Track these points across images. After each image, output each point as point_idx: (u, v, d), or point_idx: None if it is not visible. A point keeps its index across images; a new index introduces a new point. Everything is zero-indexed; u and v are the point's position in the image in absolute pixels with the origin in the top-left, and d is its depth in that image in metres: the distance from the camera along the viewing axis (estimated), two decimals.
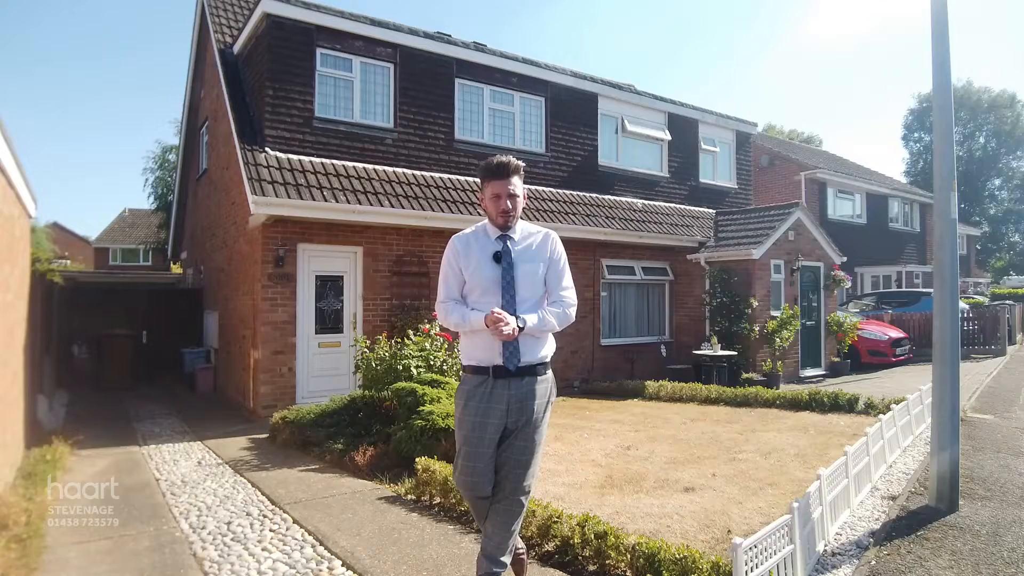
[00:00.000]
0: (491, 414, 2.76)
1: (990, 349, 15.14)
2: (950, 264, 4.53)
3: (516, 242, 2.87)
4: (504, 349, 2.75)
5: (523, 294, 2.81)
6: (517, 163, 2.90)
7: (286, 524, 4.27)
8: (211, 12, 11.07)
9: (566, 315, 2.86)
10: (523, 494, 2.82)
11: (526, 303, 2.80)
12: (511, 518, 2.82)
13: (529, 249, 2.88)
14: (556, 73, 11.52)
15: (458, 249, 2.88)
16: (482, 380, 2.80)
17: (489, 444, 2.78)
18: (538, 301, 2.88)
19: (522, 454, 2.79)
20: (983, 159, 43.84)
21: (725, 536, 3.87)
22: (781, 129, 45.46)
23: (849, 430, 6.83)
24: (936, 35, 4.61)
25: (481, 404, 2.77)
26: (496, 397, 2.76)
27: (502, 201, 2.81)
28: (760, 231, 11.73)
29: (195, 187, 13.61)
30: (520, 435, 2.79)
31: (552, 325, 2.80)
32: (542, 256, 2.88)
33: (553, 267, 2.90)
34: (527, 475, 2.80)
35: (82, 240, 37.75)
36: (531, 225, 3.00)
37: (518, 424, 2.78)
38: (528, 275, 2.83)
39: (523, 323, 2.69)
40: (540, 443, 2.85)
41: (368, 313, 9.01)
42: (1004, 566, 3.46)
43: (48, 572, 3.53)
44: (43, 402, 7.86)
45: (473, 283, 2.84)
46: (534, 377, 2.81)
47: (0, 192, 4.43)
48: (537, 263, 2.86)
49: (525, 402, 2.77)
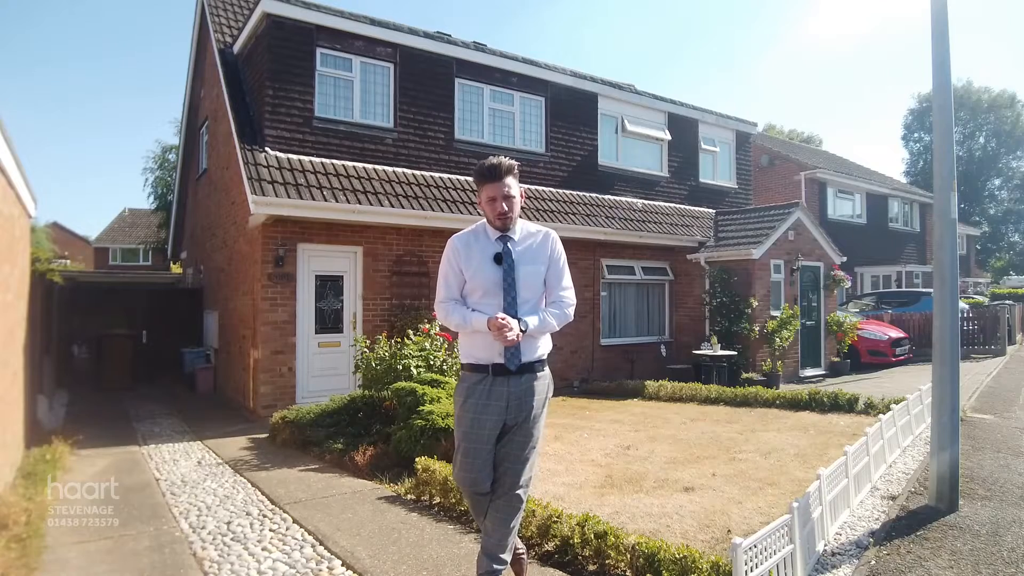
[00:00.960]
0: (490, 411, 2.78)
1: (990, 349, 15.14)
2: (950, 264, 4.54)
3: (516, 243, 2.86)
4: (505, 349, 2.76)
5: (524, 295, 2.81)
6: (510, 163, 2.86)
7: (286, 524, 4.27)
8: (211, 12, 11.07)
9: (565, 315, 2.87)
10: (521, 490, 2.83)
11: (527, 304, 2.81)
12: (510, 514, 2.83)
13: (530, 250, 2.88)
14: (556, 73, 11.52)
15: (458, 249, 2.88)
16: (481, 378, 2.81)
17: (487, 440, 2.80)
18: (538, 301, 2.89)
19: (521, 449, 2.82)
20: (983, 159, 43.85)
21: (725, 536, 3.87)
22: (781, 129, 45.48)
23: (849, 430, 6.83)
24: (936, 35, 4.61)
25: (480, 401, 2.79)
26: (495, 394, 2.78)
27: (498, 204, 2.80)
28: (760, 231, 11.73)
29: (195, 187, 13.61)
30: (519, 431, 2.82)
31: (552, 326, 2.82)
32: (543, 257, 2.89)
33: (553, 267, 2.91)
34: (525, 471, 2.82)
35: (82, 240, 37.74)
36: (531, 224, 3.00)
37: (517, 420, 2.80)
38: (529, 276, 2.83)
39: (525, 326, 2.70)
40: (538, 439, 2.87)
41: (368, 313, 9.02)
42: (1004, 566, 3.46)
43: (48, 572, 3.53)
44: (43, 402, 7.86)
45: (474, 284, 2.84)
46: (533, 375, 2.83)
47: (0, 192, 4.43)
48: (538, 264, 2.87)
49: (524, 399, 2.79)
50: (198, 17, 12.33)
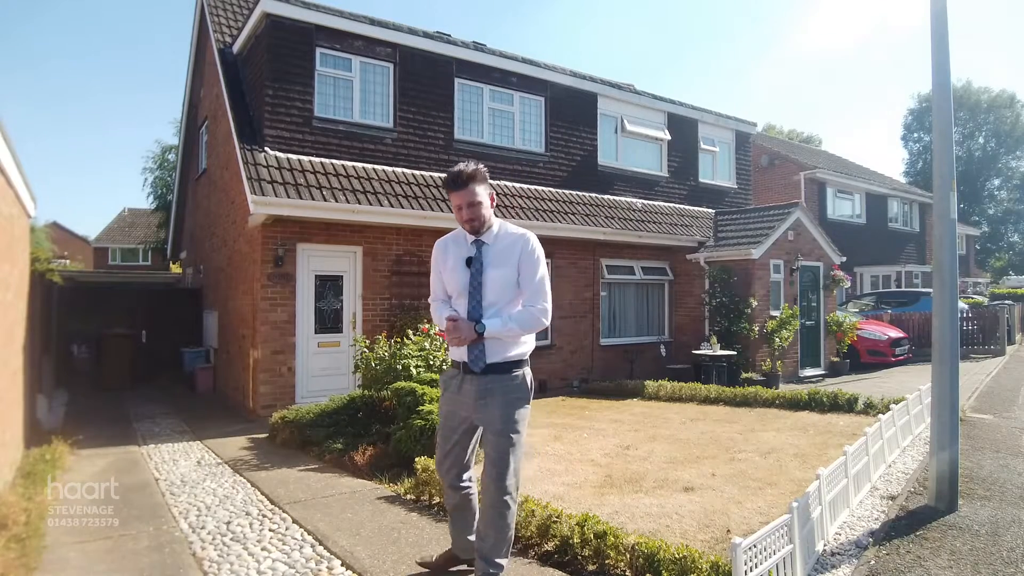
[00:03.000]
0: (458, 405, 2.98)
1: (989, 349, 15.15)
2: (949, 264, 4.54)
3: (490, 247, 2.94)
4: (469, 352, 2.87)
5: (490, 298, 2.88)
6: (474, 170, 2.90)
7: (285, 524, 4.27)
8: (210, 11, 11.06)
9: (534, 318, 2.87)
10: (502, 492, 2.86)
11: (493, 307, 2.88)
12: (495, 516, 2.87)
13: (501, 253, 2.93)
14: (556, 73, 11.51)
15: (438, 252, 3.07)
16: (455, 374, 3.02)
17: (456, 431, 3.01)
18: (509, 304, 2.92)
19: (493, 449, 2.88)
20: (982, 159, 43.88)
21: (724, 536, 3.87)
22: (781, 129, 45.49)
23: (848, 430, 6.83)
24: (935, 35, 4.61)
25: (451, 395, 3.01)
26: (464, 392, 2.94)
27: (464, 211, 2.90)
28: (760, 231, 11.74)
29: (194, 187, 13.61)
30: (489, 430, 2.90)
31: (515, 330, 2.85)
32: (512, 261, 2.91)
33: (525, 271, 2.92)
34: (500, 471, 2.86)
35: (81, 240, 37.74)
36: (511, 227, 3.01)
37: (484, 420, 2.90)
38: (496, 280, 2.89)
39: (483, 328, 2.80)
40: (516, 442, 2.88)
41: (367, 313, 9.01)
42: (1003, 566, 3.46)
43: (48, 572, 3.53)
44: (43, 402, 7.86)
45: (449, 286, 3.02)
46: (500, 375, 2.89)
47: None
48: (507, 268, 2.90)
49: (490, 399, 2.87)
50: (197, 17, 12.33)
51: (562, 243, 10.94)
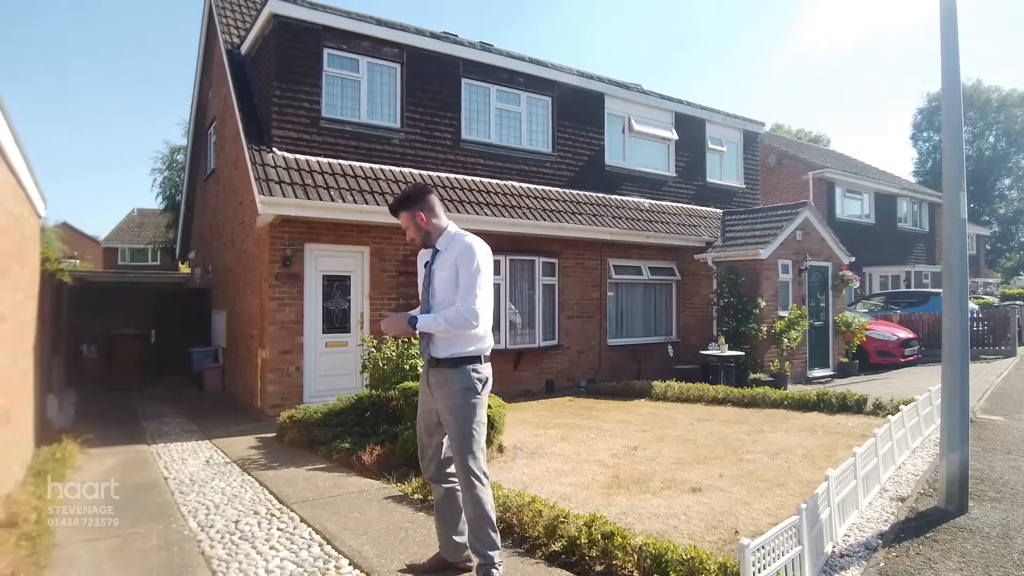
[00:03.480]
0: (426, 397, 3.33)
1: (1000, 350, 15.03)
2: (959, 264, 4.50)
3: (441, 253, 3.29)
4: (420, 344, 3.30)
5: (438, 298, 3.25)
6: (403, 198, 3.33)
7: (293, 523, 4.29)
8: (218, 12, 11.12)
9: (461, 317, 3.10)
10: (467, 472, 3.11)
11: (440, 306, 3.22)
12: (466, 501, 3.16)
13: (443, 259, 3.26)
14: (563, 73, 11.50)
15: (419, 260, 3.49)
16: (425, 369, 3.36)
17: (423, 419, 3.34)
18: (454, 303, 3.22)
19: (449, 439, 3.22)
20: (993, 158, 43.54)
21: (732, 537, 3.86)
22: (789, 129, 45.30)
23: (857, 431, 6.79)
24: (945, 34, 4.58)
25: (423, 388, 3.38)
26: (426, 384, 3.32)
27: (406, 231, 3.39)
28: (768, 231, 11.69)
29: (203, 187, 13.68)
30: (443, 418, 3.22)
31: (442, 325, 3.12)
32: (450, 264, 3.23)
33: (460, 273, 3.19)
34: (457, 457, 3.15)
35: (91, 240, 37.98)
36: (464, 236, 3.30)
37: (439, 408, 3.23)
38: (442, 282, 3.24)
39: (414, 321, 3.17)
40: (463, 431, 3.14)
41: (375, 313, 9.02)
42: (1015, 569, 3.43)
43: (58, 569, 3.56)
44: (52, 401, 7.92)
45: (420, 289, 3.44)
46: (451, 369, 3.19)
47: (10, 192, 4.47)
48: (448, 271, 3.23)
49: (438, 389, 3.22)
50: (205, 18, 12.38)
51: (569, 243, 10.93)
